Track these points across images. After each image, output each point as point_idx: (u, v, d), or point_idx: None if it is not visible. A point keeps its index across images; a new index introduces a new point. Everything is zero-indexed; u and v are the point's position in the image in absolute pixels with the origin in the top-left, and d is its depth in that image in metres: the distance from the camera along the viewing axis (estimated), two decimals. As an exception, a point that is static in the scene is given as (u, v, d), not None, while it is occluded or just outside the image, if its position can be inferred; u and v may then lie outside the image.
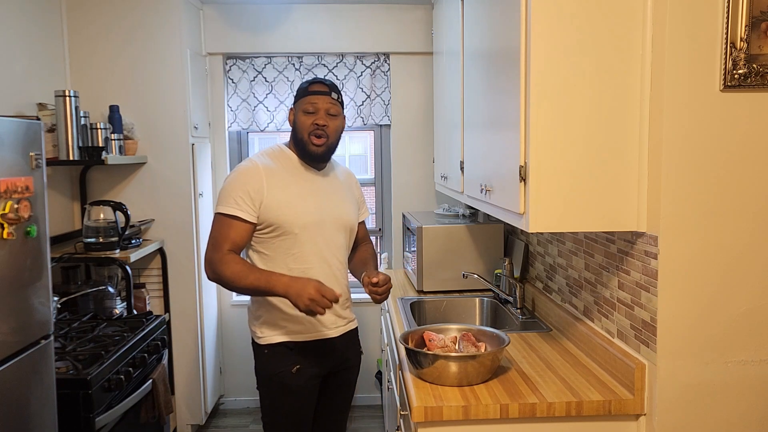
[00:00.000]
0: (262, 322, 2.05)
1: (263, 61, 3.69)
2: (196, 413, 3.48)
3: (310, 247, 2.01)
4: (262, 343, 2.04)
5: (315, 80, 2.06)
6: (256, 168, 2.00)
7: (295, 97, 2.07)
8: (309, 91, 2.02)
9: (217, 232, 1.97)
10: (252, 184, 1.96)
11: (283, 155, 2.08)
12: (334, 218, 2.06)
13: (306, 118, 2.01)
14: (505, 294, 2.70)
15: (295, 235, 1.99)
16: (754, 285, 1.60)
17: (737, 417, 1.63)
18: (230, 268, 1.90)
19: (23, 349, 1.82)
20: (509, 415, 1.68)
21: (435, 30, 3.38)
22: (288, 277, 1.87)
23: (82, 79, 3.23)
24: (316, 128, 2.00)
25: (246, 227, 1.97)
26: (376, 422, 3.64)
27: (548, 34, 1.59)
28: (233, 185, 1.98)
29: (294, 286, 1.83)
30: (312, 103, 2.00)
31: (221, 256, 1.92)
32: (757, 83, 1.53)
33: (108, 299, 2.97)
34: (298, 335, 2.03)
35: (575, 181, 1.64)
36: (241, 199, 1.95)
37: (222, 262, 1.92)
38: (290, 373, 2.01)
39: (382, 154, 3.92)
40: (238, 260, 1.93)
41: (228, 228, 1.95)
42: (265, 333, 2.04)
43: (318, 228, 2.02)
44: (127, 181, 3.32)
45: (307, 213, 2.00)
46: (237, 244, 1.97)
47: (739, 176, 1.57)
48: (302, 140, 2.02)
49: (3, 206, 1.71)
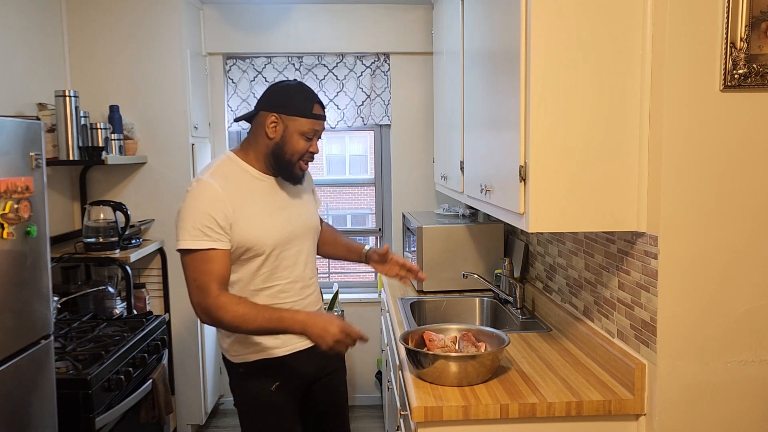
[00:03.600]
0: (233, 340, 1.87)
1: (263, 61, 3.69)
2: (196, 413, 3.48)
3: (281, 263, 1.85)
4: (237, 362, 1.88)
5: (316, 99, 1.84)
6: (214, 190, 1.74)
7: (285, 106, 1.80)
8: (314, 114, 1.81)
9: (197, 271, 1.71)
10: (215, 209, 1.72)
11: (236, 168, 1.84)
12: (301, 228, 1.90)
13: (303, 142, 1.81)
14: (505, 294, 2.70)
15: (266, 255, 1.81)
16: (754, 285, 1.60)
17: (737, 417, 1.64)
18: (231, 312, 1.68)
19: (23, 349, 1.82)
20: (509, 415, 1.68)
21: (435, 30, 3.38)
22: (304, 314, 1.71)
23: (82, 79, 3.23)
24: (310, 156, 1.84)
25: (225, 255, 1.74)
26: (376, 422, 3.64)
27: (548, 34, 1.59)
28: (194, 214, 1.71)
29: (315, 326, 1.67)
30: (315, 130, 1.82)
31: (214, 301, 1.69)
32: (757, 83, 1.53)
33: (108, 299, 2.97)
34: (274, 350, 1.86)
35: (575, 181, 1.64)
36: (208, 229, 1.70)
37: (219, 308, 1.68)
38: (269, 391, 1.86)
39: (382, 154, 3.92)
40: (236, 300, 1.71)
41: (208, 262, 1.70)
42: (238, 351, 1.87)
43: (288, 241, 1.85)
44: (127, 181, 3.32)
45: (275, 229, 1.82)
46: (224, 277, 1.73)
47: (739, 176, 1.57)
48: (288, 161, 1.82)
49: (3, 206, 1.71)
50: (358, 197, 7.54)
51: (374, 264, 2.13)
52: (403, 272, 2.05)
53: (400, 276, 2.11)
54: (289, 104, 1.80)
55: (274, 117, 1.80)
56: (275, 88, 1.86)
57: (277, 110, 1.81)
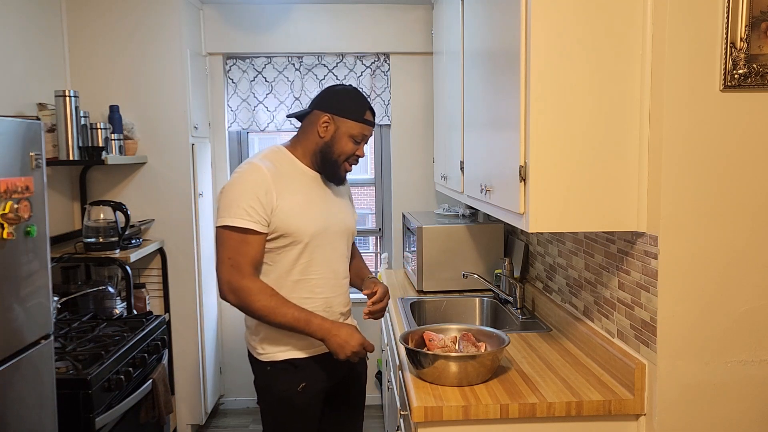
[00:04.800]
0: (262, 338, 1.90)
1: (263, 61, 3.69)
2: (196, 413, 3.47)
3: (318, 256, 1.89)
4: (264, 360, 1.91)
5: (368, 105, 1.91)
6: (262, 172, 1.82)
7: (340, 109, 1.87)
8: (365, 119, 1.89)
9: (233, 250, 1.78)
10: (261, 190, 1.79)
11: (285, 158, 1.91)
12: (338, 225, 1.95)
13: (351, 145, 1.88)
14: (505, 294, 2.70)
15: (305, 245, 1.85)
16: (754, 285, 1.60)
17: (737, 417, 1.63)
18: (261, 302, 1.76)
19: (23, 349, 1.82)
20: (509, 415, 1.68)
21: (435, 30, 3.38)
22: (329, 323, 1.80)
23: (82, 79, 3.23)
24: (356, 159, 1.92)
25: (262, 240, 1.81)
26: (376, 422, 3.64)
27: (548, 34, 1.59)
28: (240, 193, 1.79)
29: (337, 336, 1.78)
30: (364, 134, 1.90)
31: (248, 284, 1.77)
32: (757, 83, 1.53)
33: (108, 299, 2.97)
34: (303, 351, 1.89)
35: (575, 181, 1.63)
36: (252, 209, 1.77)
37: (250, 293, 1.77)
38: (296, 391, 1.89)
39: (382, 154, 3.92)
40: (268, 291, 1.79)
41: (245, 244, 1.78)
42: (267, 350, 1.90)
43: (325, 236, 1.90)
44: (127, 181, 3.32)
45: (315, 220, 1.87)
46: (258, 262, 1.82)
47: (739, 176, 1.57)
48: (335, 161, 1.90)
49: (3, 206, 1.71)
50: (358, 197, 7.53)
51: None
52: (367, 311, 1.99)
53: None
54: (343, 107, 1.88)
55: (327, 117, 1.88)
56: (332, 91, 1.94)
57: (330, 111, 1.88)
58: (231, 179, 1.86)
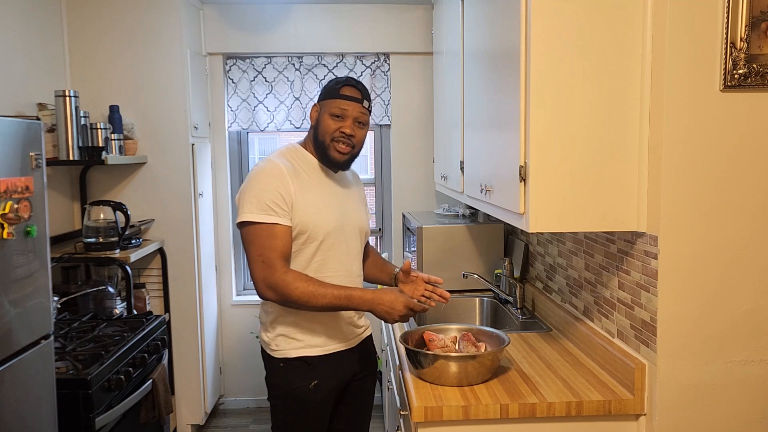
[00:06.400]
0: (276, 334, 1.92)
1: (263, 61, 3.69)
2: (196, 413, 3.47)
3: (333, 254, 1.90)
4: (277, 357, 1.92)
5: (349, 82, 1.91)
6: (281, 170, 1.84)
7: (322, 94, 1.93)
8: (341, 94, 1.88)
9: (262, 246, 1.79)
10: (281, 186, 1.81)
11: (301, 156, 1.94)
12: (352, 224, 1.97)
13: (332, 122, 1.88)
14: (505, 294, 2.70)
15: (320, 242, 1.87)
16: (754, 285, 1.60)
17: (737, 417, 1.63)
18: (300, 289, 1.77)
19: (23, 349, 1.82)
20: (509, 415, 1.68)
21: (435, 30, 3.38)
22: (371, 293, 1.79)
23: (82, 79, 3.23)
24: (341, 135, 1.88)
25: (288, 232, 1.81)
26: (376, 422, 3.63)
27: (548, 34, 1.59)
28: (262, 188, 1.81)
29: (382, 304, 1.78)
30: (342, 108, 1.87)
31: (282, 277, 1.77)
32: (757, 83, 1.53)
33: (108, 299, 2.97)
34: (317, 348, 1.91)
35: (575, 181, 1.64)
36: (275, 204, 1.79)
37: (287, 284, 1.77)
38: (308, 389, 1.90)
39: (382, 154, 3.92)
40: (303, 278, 1.79)
41: (273, 238, 1.79)
42: (281, 346, 1.91)
43: (340, 234, 1.92)
44: (127, 181, 3.32)
45: (331, 218, 1.89)
46: (287, 254, 1.82)
47: (738, 176, 1.57)
48: (323, 143, 1.90)
49: (3, 206, 1.71)
50: (358, 197, 7.52)
51: (402, 285, 2.07)
52: (430, 290, 2.00)
53: (426, 297, 2.01)
54: (324, 91, 1.95)
55: (315, 105, 1.96)
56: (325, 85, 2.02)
57: (318, 100, 1.97)
58: (250, 176, 1.87)
